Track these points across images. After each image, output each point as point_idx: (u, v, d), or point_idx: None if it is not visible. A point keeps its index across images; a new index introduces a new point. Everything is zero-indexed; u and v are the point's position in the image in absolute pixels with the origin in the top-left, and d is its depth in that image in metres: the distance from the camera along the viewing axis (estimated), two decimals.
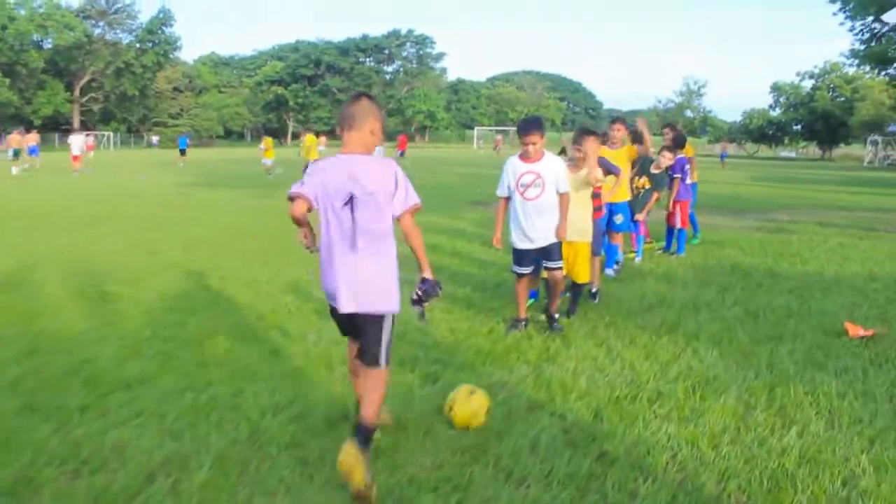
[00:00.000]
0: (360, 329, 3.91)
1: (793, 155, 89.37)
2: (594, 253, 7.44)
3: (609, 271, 8.90)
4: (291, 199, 3.91)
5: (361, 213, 3.79)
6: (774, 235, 12.90)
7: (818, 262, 10.14)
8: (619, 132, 8.82)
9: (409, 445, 4.05)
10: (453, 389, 4.54)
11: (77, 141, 34.98)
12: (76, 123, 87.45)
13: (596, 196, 7.28)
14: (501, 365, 5.47)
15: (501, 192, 6.49)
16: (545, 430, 4.23)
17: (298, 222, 3.98)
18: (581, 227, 6.74)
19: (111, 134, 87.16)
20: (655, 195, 10.03)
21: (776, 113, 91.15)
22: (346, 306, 3.82)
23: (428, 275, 4.02)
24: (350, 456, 3.41)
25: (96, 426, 4.35)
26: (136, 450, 4.04)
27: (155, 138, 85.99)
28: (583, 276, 6.92)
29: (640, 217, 9.98)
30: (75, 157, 33.24)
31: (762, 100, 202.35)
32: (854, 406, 4.63)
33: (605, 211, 8.02)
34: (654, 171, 9.85)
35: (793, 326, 6.56)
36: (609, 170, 7.48)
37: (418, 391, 4.93)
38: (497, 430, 4.23)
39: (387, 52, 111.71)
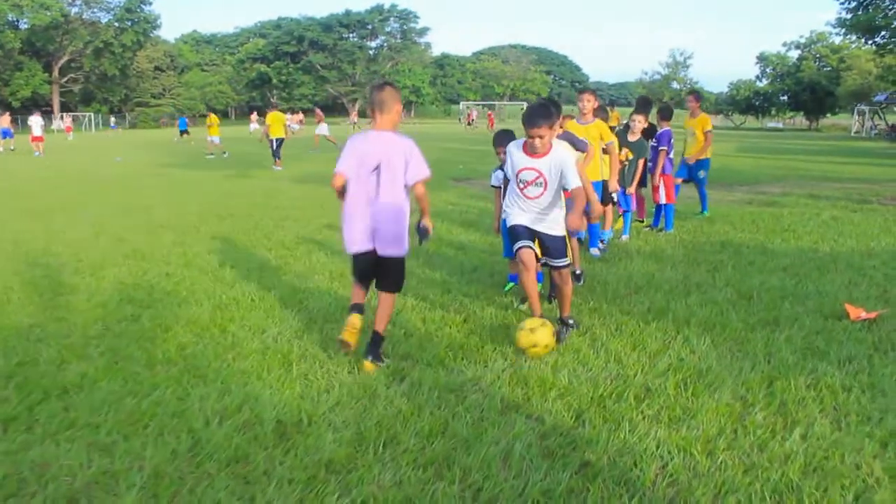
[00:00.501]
0: (381, 265, 5.04)
1: (780, 125, 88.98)
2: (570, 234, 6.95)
3: (594, 251, 8.46)
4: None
5: (384, 178, 4.84)
6: (766, 209, 12.48)
7: (812, 237, 9.73)
8: (589, 103, 8.21)
9: (368, 459, 3.60)
10: (425, 384, 4.11)
11: (36, 121, 34.54)
12: (56, 105, 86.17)
13: None
14: (476, 359, 5.01)
15: (495, 181, 6.05)
16: (520, 436, 3.78)
17: (339, 193, 4.98)
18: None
19: (92, 115, 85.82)
20: (641, 162, 9.60)
21: (763, 84, 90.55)
22: (365, 245, 4.94)
23: (426, 222, 5.08)
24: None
25: (19, 441, 3.88)
26: (61, 469, 3.58)
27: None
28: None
29: (630, 190, 9.55)
30: (35, 138, 32.95)
31: (749, 71, 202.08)
32: (861, 401, 4.20)
33: None
34: (631, 139, 9.42)
35: (789, 309, 6.13)
36: (574, 145, 6.99)
37: (382, 391, 4.47)
38: (466, 438, 3.79)
39: (370, 27, 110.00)
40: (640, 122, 9.59)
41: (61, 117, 76.49)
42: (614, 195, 8.82)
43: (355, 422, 3.98)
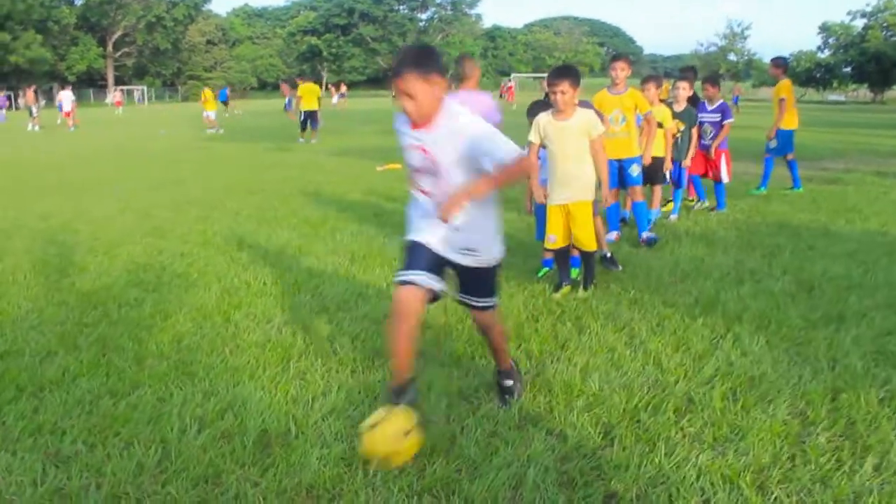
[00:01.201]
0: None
1: (842, 98, 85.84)
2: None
3: (612, 235, 7.46)
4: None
5: None
6: (827, 187, 11.61)
7: (880, 218, 8.91)
8: (623, 72, 7.38)
9: (356, 482, 3.09)
10: (427, 393, 3.59)
11: (67, 96, 34.58)
12: (110, 78, 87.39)
13: None
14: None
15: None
16: (536, 458, 3.22)
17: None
18: (581, 184, 5.71)
19: (144, 88, 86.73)
20: (695, 131, 8.91)
21: (825, 55, 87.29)
22: None
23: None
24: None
25: None
26: (10, 484, 3.14)
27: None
28: (589, 242, 5.81)
29: (686, 162, 8.88)
30: (66, 114, 33.07)
31: (810, 41, 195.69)
32: None
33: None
34: (677, 109, 8.71)
35: (856, 303, 5.43)
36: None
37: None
38: (473, 459, 3.25)
39: None
40: (684, 90, 8.92)
41: (115, 91, 77.49)
42: (667, 173, 8.18)
43: (349, 435, 3.46)
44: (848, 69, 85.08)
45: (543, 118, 5.69)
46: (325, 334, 4.94)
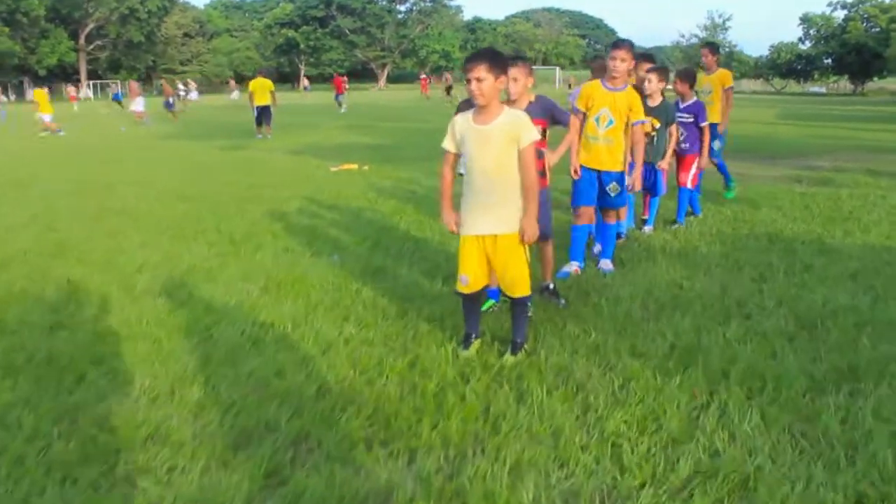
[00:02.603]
0: None
1: (822, 90, 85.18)
2: (543, 237, 5.14)
3: (571, 267, 6.25)
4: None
5: None
6: (819, 190, 10.50)
7: (881, 228, 7.85)
8: (624, 63, 5.87)
9: None
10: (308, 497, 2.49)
11: (139, 100, 31.89)
12: (83, 72, 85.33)
13: (540, 155, 5.04)
14: (401, 447, 3.33)
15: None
16: None
17: None
18: (507, 211, 4.25)
19: (118, 83, 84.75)
20: (674, 128, 7.68)
21: (806, 46, 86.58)
22: None
23: None
24: None
25: None
26: None
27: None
28: (518, 285, 4.36)
29: (663, 165, 7.63)
30: (138, 114, 30.28)
31: (791, 33, 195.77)
32: None
33: (548, 179, 5.52)
34: (651, 104, 7.37)
35: (869, 349, 4.35)
36: (555, 118, 5.26)
37: None
38: None
39: None
40: (655, 82, 7.59)
41: (88, 85, 75.71)
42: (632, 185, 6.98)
43: None
44: (828, 61, 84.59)
45: (461, 119, 4.30)
46: (193, 401, 3.80)
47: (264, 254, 7.09)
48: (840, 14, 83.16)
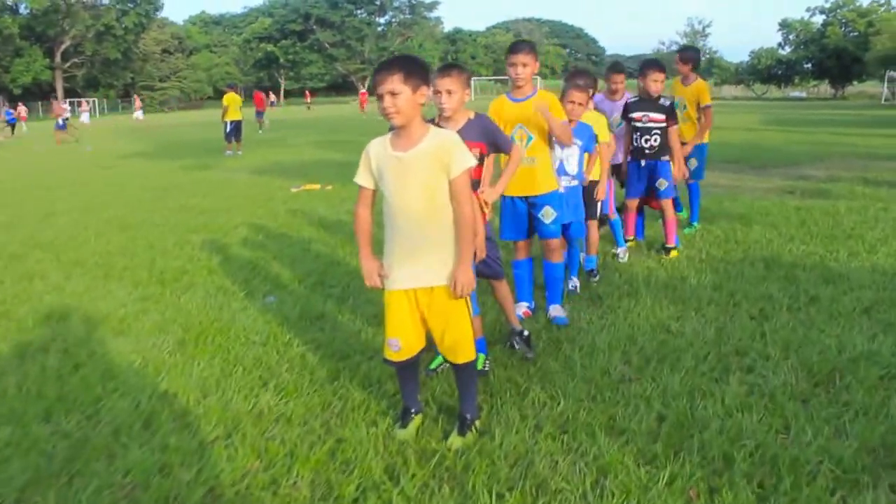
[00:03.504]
0: None
1: (803, 95, 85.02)
2: (496, 276, 4.41)
3: (554, 311, 5.31)
4: None
5: None
6: (814, 203, 9.67)
7: (888, 248, 7.03)
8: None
9: None
10: None
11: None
12: (59, 91, 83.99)
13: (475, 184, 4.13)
14: None
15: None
16: None
17: None
18: (440, 257, 3.37)
19: (95, 101, 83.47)
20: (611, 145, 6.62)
21: (785, 52, 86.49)
22: None
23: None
24: None
25: None
26: None
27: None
28: (461, 349, 3.46)
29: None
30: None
31: (771, 38, 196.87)
32: None
33: (489, 214, 4.43)
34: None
35: None
36: (496, 144, 4.26)
37: None
38: None
39: (378, 2, 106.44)
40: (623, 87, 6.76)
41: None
42: (599, 203, 6.14)
43: None
44: (808, 65, 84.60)
45: (376, 146, 3.40)
46: None
47: (193, 295, 6.19)
48: (819, 19, 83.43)
